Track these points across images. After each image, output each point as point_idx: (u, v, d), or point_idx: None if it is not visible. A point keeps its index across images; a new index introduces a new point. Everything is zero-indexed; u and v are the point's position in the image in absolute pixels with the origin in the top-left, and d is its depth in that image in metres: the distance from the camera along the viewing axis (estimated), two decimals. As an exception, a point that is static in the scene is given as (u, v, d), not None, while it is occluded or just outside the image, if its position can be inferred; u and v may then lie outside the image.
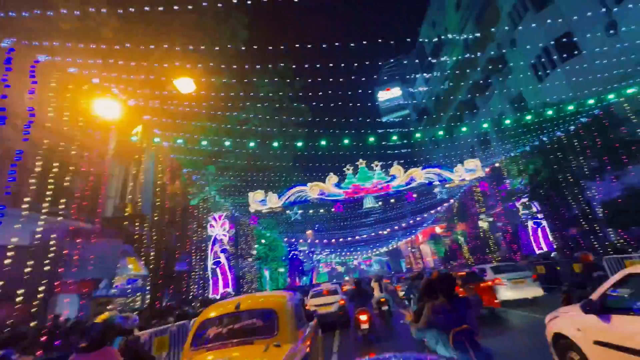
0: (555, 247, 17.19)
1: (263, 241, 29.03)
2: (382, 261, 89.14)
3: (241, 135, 18.12)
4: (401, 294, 12.05)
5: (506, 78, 25.98)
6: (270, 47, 12.70)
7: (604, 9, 16.12)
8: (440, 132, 31.94)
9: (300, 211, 19.61)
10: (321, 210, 21.03)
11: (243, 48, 16.94)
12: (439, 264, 33.51)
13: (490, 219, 22.79)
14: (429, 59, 42.39)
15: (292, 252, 34.09)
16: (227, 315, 3.99)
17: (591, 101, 15.40)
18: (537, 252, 17.53)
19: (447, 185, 19.78)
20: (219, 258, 18.03)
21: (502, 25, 24.19)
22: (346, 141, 17.60)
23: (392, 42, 18.05)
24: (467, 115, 33.41)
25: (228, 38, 15.06)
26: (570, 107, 15.44)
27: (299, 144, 18.97)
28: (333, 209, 19.92)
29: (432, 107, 43.16)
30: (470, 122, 32.92)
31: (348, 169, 20.06)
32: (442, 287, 2.99)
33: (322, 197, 19.54)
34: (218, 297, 17.12)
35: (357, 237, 30.85)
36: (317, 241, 35.45)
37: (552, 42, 19.06)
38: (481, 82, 30.18)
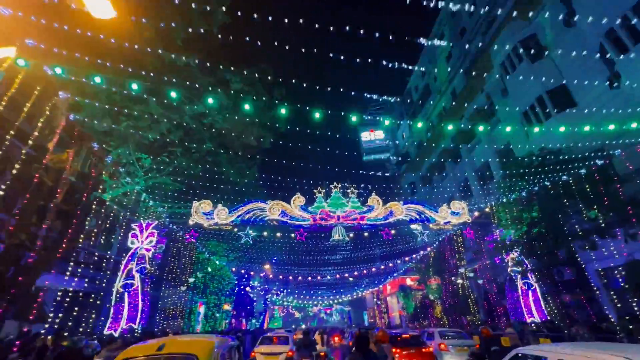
0: (547, 314, 14.46)
1: (209, 269, 24.32)
2: (344, 311, 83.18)
3: (196, 125, 14.86)
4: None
5: (494, 127, 25.27)
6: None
7: (604, 64, 15.54)
8: (423, 174, 30.19)
9: (253, 233, 15.92)
10: (278, 236, 17.38)
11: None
12: (406, 321, 29.64)
13: (471, 274, 20.03)
14: (414, 106, 42.83)
15: (242, 287, 29.06)
16: (148, 357, 3.74)
17: (592, 153, 13.99)
18: (528, 319, 14.64)
19: (430, 226, 17.10)
20: (132, 279, 13.57)
21: (493, 75, 23.96)
22: (319, 165, 14.75)
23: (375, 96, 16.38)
24: (450, 164, 32.40)
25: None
26: (572, 155, 13.87)
27: (265, 158, 15.95)
28: (294, 236, 16.39)
29: (414, 152, 42.46)
30: (452, 170, 31.90)
31: (320, 191, 17.04)
32: (359, 344, 4.24)
33: (284, 219, 16.11)
34: (116, 334, 12.43)
35: (319, 278, 26.66)
36: (272, 277, 30.76)
37: (546, 92, 18.32)
38: (465, 132, 29.60)
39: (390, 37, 12.88)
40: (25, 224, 9.66)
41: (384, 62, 14.59)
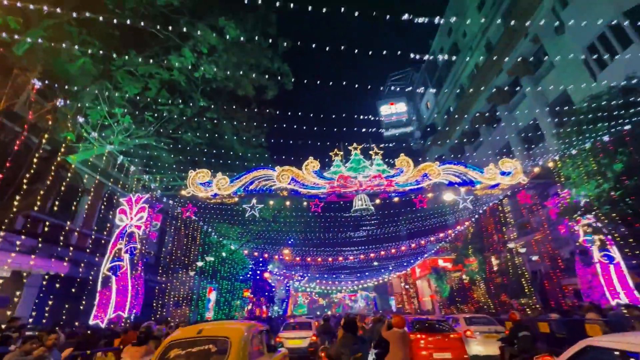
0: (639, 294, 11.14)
1: (223, 254, 22.38)
2: (369, 297, 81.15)
3: (188, 81, 12.40)
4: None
5: (542, 78, 21.18)
6: None
7: None
8: (453, 144, 26.60)
9: (259, 206, 13.44)
10: (288, 205, 14.85)
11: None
12: (440, 306, 26.67)
13: (523, 250, 16.68)
14: (439, 71, 38.49)
15: (259, 272, 27.12)
16: (189, 340, 4.38)
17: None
18: (613, 301, 11.34)
19: (475, 190, 13.92)
20: (121, 261, 11.52)
21: (543, 11, 19.73)
22: (335, 128, 11.90)
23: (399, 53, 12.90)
24: (485, 130, 28.42)
25: None
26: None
27: (272, 116, 13.30)
28: (309, 206, 13.79)
29: (440, 122, 38.44)
30: (487, 136, 27.93)
31: (336, 154, 14.24)
32: (348, 328, 5.18)
33: (295, 188, 13.49)
34: (103, 324, 10.51)
35: (340, 259, 24.05)
36: (290, 261, 28.59)
37: (623, 14, 14.27)
38: (506, 87, 25.48)
39: None
40: None
41: (405, 17, 11.01)
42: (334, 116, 24.85)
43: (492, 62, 25.64)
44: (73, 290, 11.49)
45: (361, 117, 18.02)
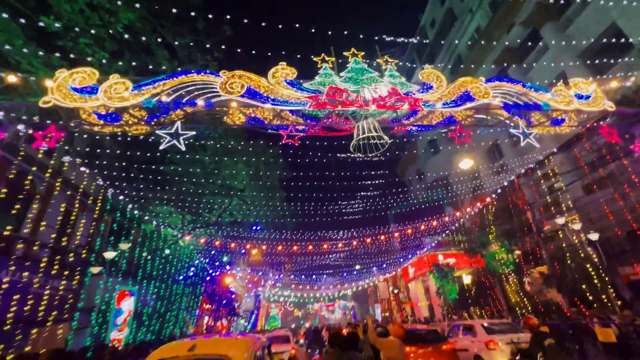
0: None
1: (168, 252, 15.89)
2: (347, 307, 75.84)
3: None
4: None
5: (570, 23, 17.22)
6: None
7: None
8: None
9: (188, 133, 7.51)
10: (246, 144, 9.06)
11: None
12: (444, 311, 21.52)
13: (576, 226, 11.86)
14: (432, 46, 34.70)
15: (215, 273, 20.56)
16: (179, 358, 3.54)
17: None
18: None
19: (534, 126, 8.96)
20: None
21: None
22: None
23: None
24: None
25: None
26: None
27: None
28: (277, 137, 8.09)
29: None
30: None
31: (325, 60, 8.70)
32: (333, 342, 4.39)
33: (255, 102, 7.73)
34: None
35: (325, 246, 18.05)
36: (259, 257, 22.38)
37: None
38: (518, 44, 21.52)
39: None
40: None
41: None
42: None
43: (500, 18, 21.70)
44: None
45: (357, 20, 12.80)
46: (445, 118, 9.14)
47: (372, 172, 20.16)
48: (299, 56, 10.73)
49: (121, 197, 14.24)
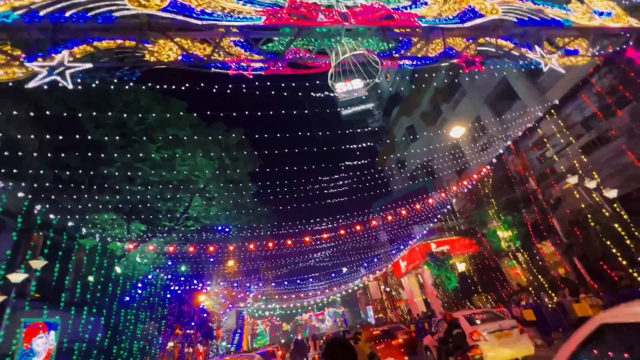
0: None
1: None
2: (338, 314, 73.13)
3: None
4: None
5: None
6: None
7: None
8: (426, 109, 20.76)
9: (81, 66, 4.86)
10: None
11: None
12: (445, 304, 19.56)
13: (592, 184, 10.22)
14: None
15: (184, 291, 17.29)
16: None
17: None
18: None
19: (562, 37, 7.14)
20: None
21: None
22: None
23: None
24: (468, 80, 23.18)
25: None
26: None
27: None
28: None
29: (406, 89, 33.26)
30: (470, 84, 22.67)
31: (282, -26, 6.39)
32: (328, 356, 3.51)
33: (182, 16, 5.24)
34: None
35: (306, 239, 15.28)
36: (235, 269, 19.46)
37: None
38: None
39: None
40: None
41: None
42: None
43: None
44: None
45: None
46: (445, 49, 7.14)
47: (353, 162, 18.27)
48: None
49: (43, 207, 11.09)
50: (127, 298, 12.74)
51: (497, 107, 20.26)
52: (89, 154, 11.81)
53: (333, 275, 29.52)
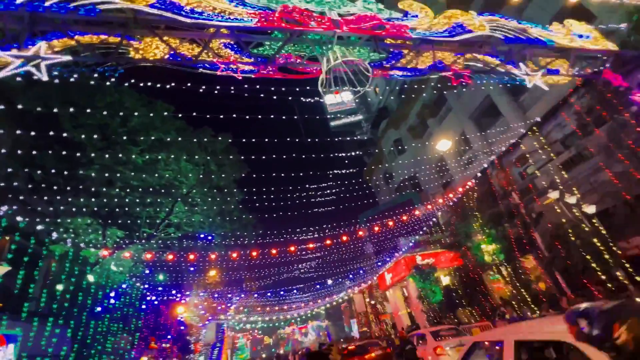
0: None
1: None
2: (321, 327, 71.78)
3: None
4: None
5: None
6: None
7: None
8: (413, 123, 21.16)
9: (58, 58, 4.61)
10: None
11: None
12: (430, 317, 19.44)
13: (572, 199, 10.52)
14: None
15: (160, 301, 16.50)
16: None
17: None
18: None
19: (543, 60, 7.39)
20: None
21: None
22: None
23: None
24: (453, 95, 23.85)
25: None
26: None
27: None
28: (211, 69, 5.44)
29: (394, 103, 33.89)
30: (455, 100, 23.32)
31: (275, -21, 6.38)
32: None
33: (168, 13, 5.10)
34: None
35: (291, 248, 14.96)
36: (225, 283, 18.84)
37: None
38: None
39: None
40: None
41: None
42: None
43: None
44: None
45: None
46: (435, 62, 7.26)
47: (341, 171, 18.25)
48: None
49: (9, 209, 10.41)
50: (99, 308, 12.01)
51: (482, 123, 20.88)
52: (65, 154, 11.28)
53: (318, 287, 29.02)
